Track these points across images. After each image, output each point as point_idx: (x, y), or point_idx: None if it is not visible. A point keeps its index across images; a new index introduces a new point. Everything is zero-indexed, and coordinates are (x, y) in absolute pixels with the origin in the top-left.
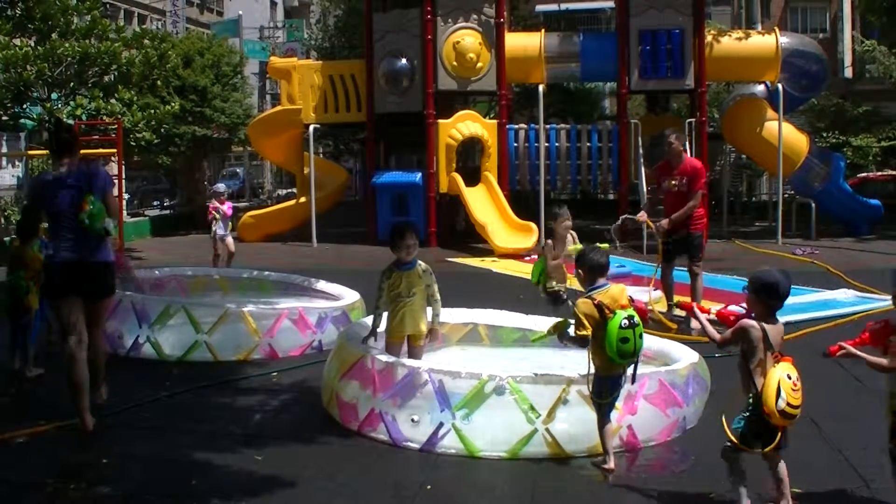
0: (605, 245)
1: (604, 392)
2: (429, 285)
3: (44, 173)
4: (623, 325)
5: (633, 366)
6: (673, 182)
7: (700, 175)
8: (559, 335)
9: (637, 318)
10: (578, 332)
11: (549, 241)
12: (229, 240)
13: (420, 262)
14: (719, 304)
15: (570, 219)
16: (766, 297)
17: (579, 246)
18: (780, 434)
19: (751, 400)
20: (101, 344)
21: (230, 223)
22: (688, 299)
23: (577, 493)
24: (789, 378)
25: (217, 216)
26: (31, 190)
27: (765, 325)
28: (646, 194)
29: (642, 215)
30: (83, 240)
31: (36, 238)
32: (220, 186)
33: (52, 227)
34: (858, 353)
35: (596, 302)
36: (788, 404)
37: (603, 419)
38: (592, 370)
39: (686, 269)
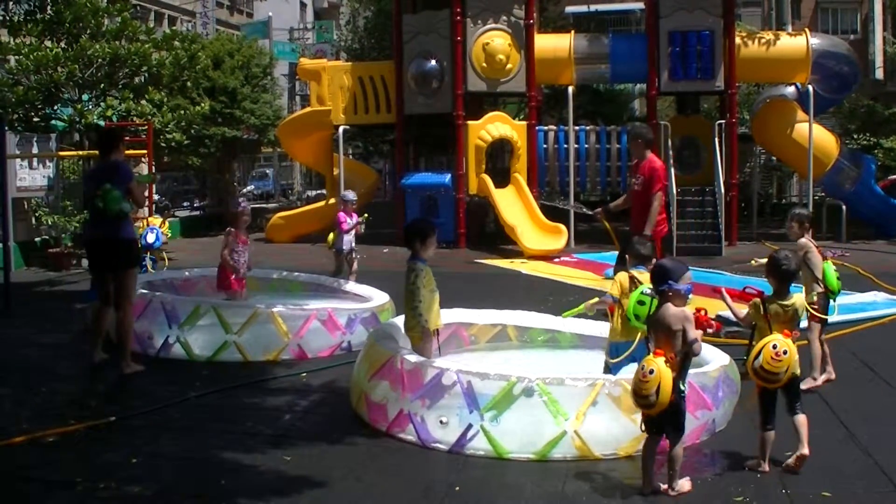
0: None
1: (613, 355)
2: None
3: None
4: (644, 291)
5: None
6: (633, 181)
7: (657, 177)
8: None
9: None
10: (610, 292)
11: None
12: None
13: None
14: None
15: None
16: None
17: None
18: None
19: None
20: (126, 319)
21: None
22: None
23: (607, 495)
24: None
25: (348, 227)
26: None
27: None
28: (675, 195)
29: (598, 212)
30: (103, 220)
31: None
32: (350, 194)
33: (87, 210)
34: (727, 299)
35: (630, 275)
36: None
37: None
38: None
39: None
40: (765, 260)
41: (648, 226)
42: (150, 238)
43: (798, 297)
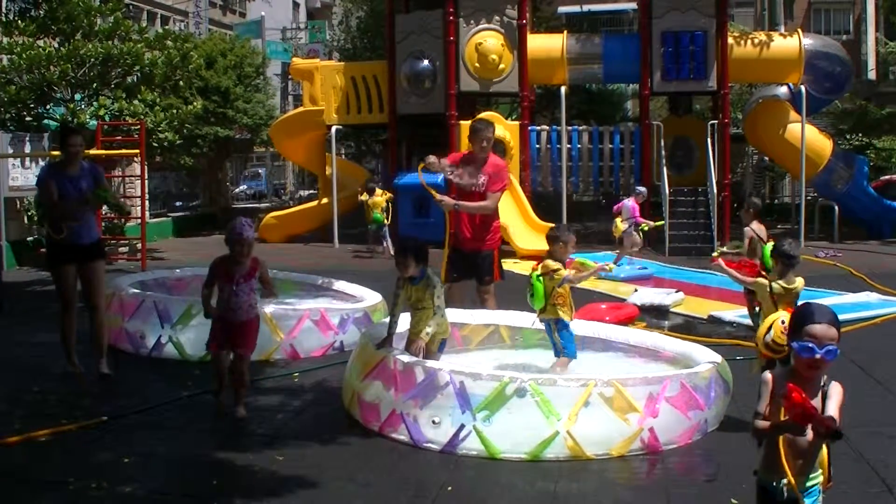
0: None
1: None
2: (432, 296)
3: None
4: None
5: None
6: (473, 181)
7: (502, 176)
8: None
9: (534, 278)
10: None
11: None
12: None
13: (429, 272)
14: (737, 306)
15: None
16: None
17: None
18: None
19: None
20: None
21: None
22: None
23: (599, 495)
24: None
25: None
26: None
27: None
28: (668, 195)
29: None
30: None
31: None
32: (642, 188)
33: None
34: (727, 268)
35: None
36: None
37: None
38: None
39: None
40: (724, 249)
41: (468, 208)
42: None
43: (800, 281)
